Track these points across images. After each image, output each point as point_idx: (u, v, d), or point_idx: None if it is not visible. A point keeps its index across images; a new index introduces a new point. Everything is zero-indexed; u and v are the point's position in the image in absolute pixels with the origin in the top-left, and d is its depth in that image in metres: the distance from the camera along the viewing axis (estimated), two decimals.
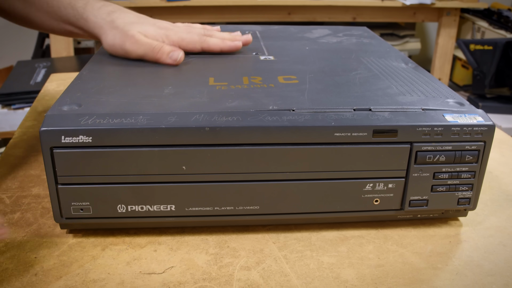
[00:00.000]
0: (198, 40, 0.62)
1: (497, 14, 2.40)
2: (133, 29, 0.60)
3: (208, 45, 0.62)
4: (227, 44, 0.63)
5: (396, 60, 0.64)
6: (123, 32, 0.59)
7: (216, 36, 0.65)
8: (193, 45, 0.62)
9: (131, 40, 0.59)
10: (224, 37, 0.65)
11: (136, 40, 0.59)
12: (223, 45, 0.63)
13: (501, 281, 0.44)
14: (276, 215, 0.48)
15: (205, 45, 0.62)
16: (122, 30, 0.59)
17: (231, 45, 0.64)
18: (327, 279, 0.44)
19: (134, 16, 0.63)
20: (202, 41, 0.62)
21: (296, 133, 0.44)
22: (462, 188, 0.49)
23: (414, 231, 0.51)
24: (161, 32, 0.61)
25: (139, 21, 0.62)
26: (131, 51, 0.59)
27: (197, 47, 0.62)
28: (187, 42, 0.62)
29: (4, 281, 0.42)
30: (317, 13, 2.24)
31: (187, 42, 0.62)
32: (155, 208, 0.47)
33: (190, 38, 0.62)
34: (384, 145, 0.46)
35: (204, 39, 0.63)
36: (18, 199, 0.55)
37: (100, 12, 0.61)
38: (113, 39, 0.60)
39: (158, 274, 0.44)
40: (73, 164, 0.44)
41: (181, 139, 0.44)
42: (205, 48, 0.63)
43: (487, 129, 0.46)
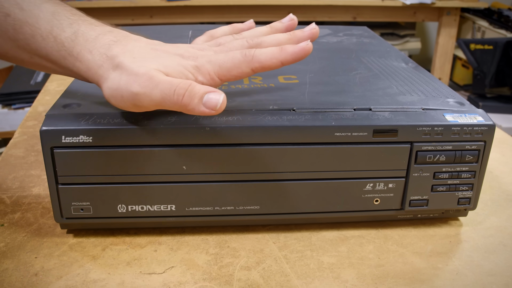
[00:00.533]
0: (242, 59, 0.42)
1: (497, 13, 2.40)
2: (146, 65, 0.40)
3: (260, 62, 0.42)
4: (289, 52, 0.42)
5: (396, 59, 0.64)
6: (131, 71, 0.40)
7: (269, 44, 0.45)
8: (238, 70, 0.42)
9: (142, 79, 0.39)
10: (280, 40, 0.45)
11: (149, 78, 0.39)
12: (284, 56, 0.42)
13: (501, 281, 0.44)
14: (276, 215, 0.49)
15: (257, 64, 0.42)
16: (129, 69, 0.40)
17: (295, 51, 0.42)
18: (327, 279, 0.44)
19: (145, 46, 0.43)
20: (250, 59, 0.42)
21: (296, 133, 0.44)
22: (462, 188, 0.49)
23: (414, 231, 0.51)
24: (188, 62, 0.42)
25: (154, 53, 0.42)
26: (142, 96, 0.39)
27: (244, 70, 0.42)
28: (228, 68, 0.42)
29: (5, 281, 0.42)
30: (317, 13, 2.24)
31: (228, 69, 0.42)
32: (155, 208, 0.47)
33: (232, 61, 0.42)
34: (384, 145, 0.46)
35: (252, 55, 0.42)
36: (19, 199, 0.55)
37: (97, 45, 0.41)
38: (118, 82, 0.40)
39: (158, 274, 0.44)
40: (73, 164, 0.44)
41: (181, 139, 0.44)
42: (257, 68, 0.42)
43: (487, 129, 0.46)
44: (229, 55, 0.42)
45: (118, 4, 2.02)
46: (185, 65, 0.41)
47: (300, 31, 0.46)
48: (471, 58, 2.15)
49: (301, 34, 0.46)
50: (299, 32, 0.46)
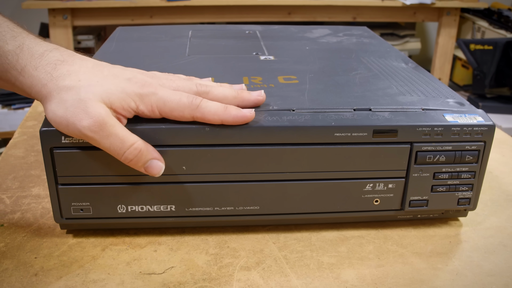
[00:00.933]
0: (187, 104, 0.42)
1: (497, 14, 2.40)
2: (92, 93, 0.40)
3: (202, 114, 0.42)
4: (231, 114, 0.43)
5: (396, 60, 0.64)
6: (78, 101, 0.39)
7: (215, 96, 0.45)
8: (180, 114, 0.42)
9: (92, 122, 0.39)
10: (227, 96, 0.45)
11: (100, 125, 0.39)
12: (225, 116, 0.43)
13: (501, 281, 0.44)
14: (276, 215, 0.48)
15: (199, 114, 0.42)
16: (76, 97, 0.39)
17: (236, 116, 0.43)
18: (327, 279, 0.44)
19: (92, 67, 0.42)
20: (194, 107, 0.42)
21: (296, 133, 0.44)
22: (462, 188, 0.49)
23: (414, 231, 0.51)
24: (133, 90, 0.41)
25: (100, 75, 0.41)
26: (90, 139, 0.40)
27: (186, 115, 0.42)
28: (171, 108, 0.42)
29: (4, 281, 0.42)
30: (317, 13, 2.24)
31: (171, 109, 0.42)
32: (155, 208, 0.47)
33: (177, 103, 0.42)
34: (384, 145, 0.46)
35: (197, 104, 0.42)
36: (18, 199, 0.55)
37: (42, 62, 0.41)
38: (64, 110, 0.39)
39: (158, 275, 0.44)
40: (73, 164, 0.44)
41: (182, 139, 0.44)
42: (198, 117, 0.43)
43: (487, 129, 0.46)
44: (176, 96, 0.42)
45: (118, 4, 2.02)
46: (130, 92, 0.41)
47: (247, 93, 0.46)
48: (471, 58, 2.15)
49: (247, 97, 0.46)
50: (246, 94, 0.46)
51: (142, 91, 0.42)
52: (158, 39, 0.72)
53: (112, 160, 0.44)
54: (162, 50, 0.67)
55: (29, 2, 1.98)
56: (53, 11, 2.00)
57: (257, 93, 0.46)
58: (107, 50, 0.66)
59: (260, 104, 0.46)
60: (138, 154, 0.41)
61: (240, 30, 0.80)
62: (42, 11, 2.18)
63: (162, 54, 0.65)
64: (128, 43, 0.70)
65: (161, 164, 0.42)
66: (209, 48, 0.69)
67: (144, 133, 0.43)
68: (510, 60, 2.09)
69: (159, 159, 0.42)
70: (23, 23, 0.45)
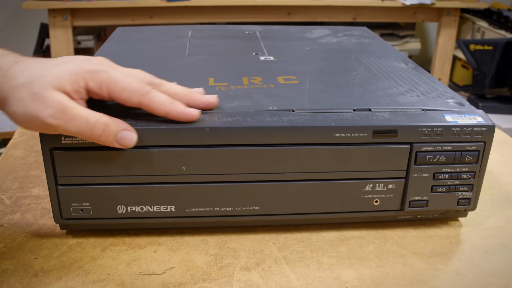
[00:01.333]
0: (137, 89, 0.42)
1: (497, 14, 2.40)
2: (44, 83, 0.39)
3: (150, 101, 0.42)
4: (177, 109, 0.43)
5: (396, 60, 0.64)
6: (34, 93, 0.39)
7: (166, 90, 0.44)
8: (128, 96, 0.42)
9: (54, 110, 0.39)
10: (178, 93, 0.45)
11: (62, 110, 0.39)
12: (171, 108, 0.43)
13: (501, 281, 0.44)
14: (276, 216, 0.48)
15: (146, 100, 0.42)
16: (30, 90, 0.39)
17: (181, 112, 0.43)
18: (327, 279, 0.44)
19: (43, 62, 0.42)
20: (144, 92, 0.42)
21: (296, 133, 0.44)
22: (462, 188, 0.49)
23: (414, 232, 0.51)
24: (84, 67, 0.41)
25: (51, 64, 0.41)
26: (57, 128, 0.40)
27: (133, 99, 0.42)
28: (120, 88, 0.42)
29: (4, 282, 0.42)
30: (317, 13, 2.24)
31: (120, 89, 0.42)
32: (155, 208, 0.47)
33: (128, 85, 0.42)
34: (384, 146, 0.46)
35: (147, 91, 0.42)
36: (18, 200, 0.55)
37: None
38: (23, 106, 0.39)
39: (158, 275, 0.44)
40: (73, 165, 0.44)
41: (181, 139, 0.44)
42: (144, 104, 0.42)
43: (487, 129, 0.46)
44: (128, 78, 0.42)
45: (118, 4, 2.02)
46: (79, 71, 0.41)
47: (199, 95, 0.46)
48: (471, 58, 2.15)
49: (198, 98, 0.46)
50: (197, 95, 0.46)
51: (93, 68, 0.42)
52: (158, 39, 0.72)
53: (112, 161, 0.44)
54: (162, 50, 0.67)
55: (29, 2, 1.98)
56: (53, 11, 2.00)
57: (209, 96, 0.46)
58: (107, 51, 0.66)
59: (211, 107, 0.46)
60: (105, 128, 0.41)
61: (240, 31, 0.80)
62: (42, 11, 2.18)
63: (162, 54, 0.65)
64: (128, 43, 0.70)
65: (132, 133, 0.42)
66: (209, 49, 0.69)
67: (144, 133, 0.43)
68: (510, 61, 2.09)
69: (130, 129, 0.42)
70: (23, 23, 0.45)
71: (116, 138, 0.41)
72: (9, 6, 2.47)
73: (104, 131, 0.41)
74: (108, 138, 0.41)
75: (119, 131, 0.41)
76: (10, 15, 2.51)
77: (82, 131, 0.40)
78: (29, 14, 2.38)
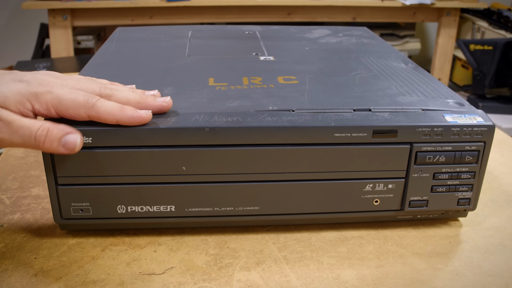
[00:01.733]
0: (83, 103, 0.41)
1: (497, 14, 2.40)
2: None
3: (97, 112, 0.42)
4: (127, 114, 0.42)
5: (396, 60, 0.64)
6: None
7: (118, 99, 0.44)
8: (75, 112, 0.42)
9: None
10: (129, 101, 0.44)
11: (6, 124, 0.39)
12: (121, 115, 0.42)
13: (501, 281, 0.44)
14: (276, 216, 0.48)
15: (94, 113, 0.42)
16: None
17: (131, 117, 0.43)
18: (327, 279, 0.44)
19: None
20: (90, 106, 0.41)
21: (296, 133, 0.44)
22: (462, 188, 0.49)
23: (414, 232, 0.51)
24: (29, 90, 0.41)
25: (1, 82, 0.41)
26: (2, 141, 0.40)
27: (81, 114, 0.42)
28: (66, 106, 0.41)
29: (4, 282, 0.42)
30: (317, 13, 2.24)
31: (66, 107, 0.41)
32: (155, 208, 0.47)
33: (73, 101, 0.41)
34: (384, 146, 0.46)
35: (93, 103, 0.42)
36: (18, 200, 0.55)
37: None
38: None
39: (158, 275, 0.44)
40: (73, 165, 0.44)
41: (181, 139, 0.44)
42: (93, 116, 0.42)
43: (487, 129, 0.46)
44: (72, 94, 0.42)
45: (118, 4, 2.02)
46: (24, 92, 0.41)
47: (152, 99, 0.45)
48: (471, 58, 2.15)
49: (151, 102, 0.45)
50: (150, 99, 0.45)
51: (37, 90, 0.41)
52: (158, 39, 0.72)
53: (112, 161, 0.44)
54: (162, 50, 0.67)
55: (29, 3, 1.98)
56: (53, 11, 2.00)
57: (162, 99, 0.45)
58: (107, 51, 0.66)
59: (165, 111, 0.45)
60: (48, 134, 0.40)
61: (239, 31, 0.80)
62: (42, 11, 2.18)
63: (162, 54, 0.65)
64: (127, 43, 0.70)
65: (76, 135, 0.41)
66: (209, 49, 0.69)
67: (144, 133, 0.43)
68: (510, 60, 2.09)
69: (73, 132, 0.41)
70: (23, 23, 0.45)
71: (61, 143, 0.41)
72: (9, 6, 2.47)
73: (46, 137, 0.40)
74: (52, 144, 0.41)
75: (62, 136, 0.41)
76: (10, 15, 2.51)
77: (27, 140, 0.40)
78: (29, 14, 2.38)
